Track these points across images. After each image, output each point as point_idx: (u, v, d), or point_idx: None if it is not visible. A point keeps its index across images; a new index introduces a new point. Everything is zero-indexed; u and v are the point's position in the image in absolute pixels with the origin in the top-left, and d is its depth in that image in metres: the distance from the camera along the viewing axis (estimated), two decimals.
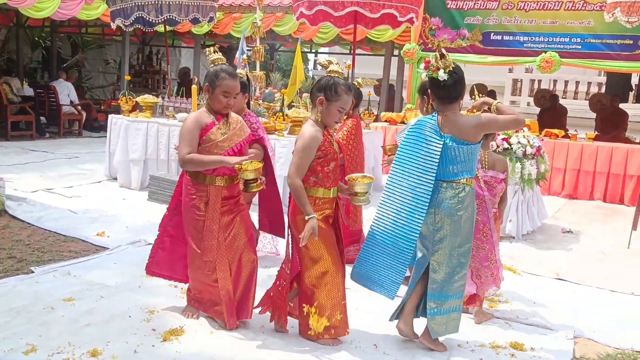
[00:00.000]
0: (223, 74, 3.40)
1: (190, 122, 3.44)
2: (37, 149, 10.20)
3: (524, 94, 18.59)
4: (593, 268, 5.42)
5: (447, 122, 3.31)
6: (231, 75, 3.42)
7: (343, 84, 3.31)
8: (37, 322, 3.42)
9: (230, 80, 3.40)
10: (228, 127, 3.50)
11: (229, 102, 3.44)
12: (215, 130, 3.43)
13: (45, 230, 5.32)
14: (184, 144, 3.39)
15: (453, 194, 3.33)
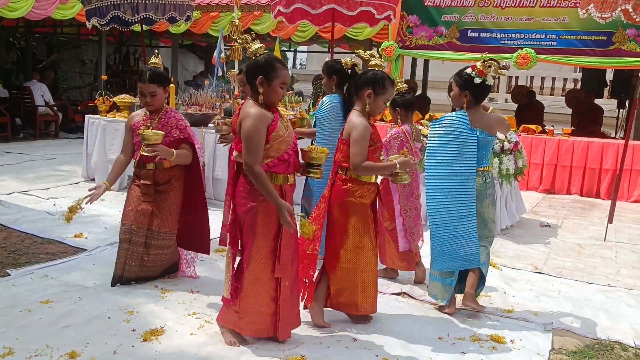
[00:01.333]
0: (278, 64, 3.12)
1: (257, 121, 3.05)
2: (12, 150, 10.04)
3: (502, 91, 18.76)
4: (570, 261, 5.49)
5: (475, 118, 3.80)
6: (285, 65, 3.18)
7: (388, 77, 3.61)
8: (14, 325, 3.37)
9: (286, 71, 3.15)
10: (283, 119, 3.24)
11: (284, 94, 3.23)
12: (280, 124, 3.16)
13: (22, 233, 5.24)
14: (257, 151, 3.06)
15: (482, 180, 3.91)
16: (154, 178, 4.06)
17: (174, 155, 3.90)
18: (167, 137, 3.93)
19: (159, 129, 3.94)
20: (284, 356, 3.22)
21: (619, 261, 5.57)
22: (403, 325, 3.76)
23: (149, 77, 3.91)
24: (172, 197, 4.10)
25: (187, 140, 4.06)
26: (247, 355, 3.22)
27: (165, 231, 4.11)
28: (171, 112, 4.07)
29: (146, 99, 3.94)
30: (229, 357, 3.19)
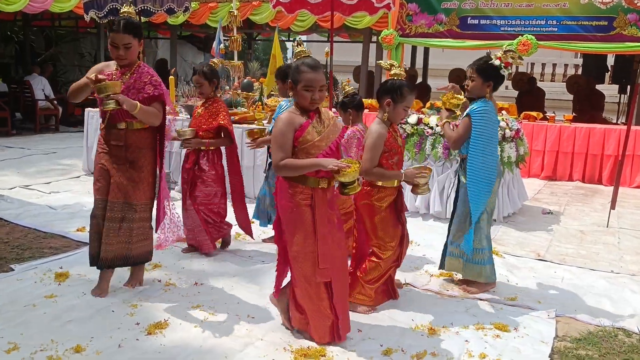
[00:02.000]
0: (304, 67, 3.10)
1: (282, 124, 3.13)
2: (13, 145, 10.04)
3: None
4: (573, 247, 5.49)
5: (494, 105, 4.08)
6: (312, 68, 3.11)
7: (407, 85, 3.68)
8: (18, 320, 3.37)
9: (311, 74, 3.09)
10: (323, 124, 3.20)
11: (313, 97, 3.11)
12: (311, 129, 3.15)
13: (25, 227, 5.25)
14: (277, 149, 3.11)
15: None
16: (125, 140, 3.68)
17: (137, 108, 3.48)
18: (140, 93, 3.59)
19: (131, 84, 3.60)
20: (289, 348, 3.22)
21: (621, 247, 5.56)
22: (407, 315, 3.76)
23: (123, 27, 3.51)
24: (146, 167, 3.75)
25: (160, 99, 3.67)
26: (251, 347, 3.23)
27: (142, 202, 3.77)
28: (144, 67, 3.70)
29: (119, 51, 3.55)
30: (234, 349, 3.20)
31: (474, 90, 4.02)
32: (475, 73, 3.97)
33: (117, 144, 3.68)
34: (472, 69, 4.00)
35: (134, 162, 3.71)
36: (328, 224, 3.22)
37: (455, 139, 4.06)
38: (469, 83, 4.04)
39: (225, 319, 3.57)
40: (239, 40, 9.03)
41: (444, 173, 6.27)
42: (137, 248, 3.83)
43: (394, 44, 10.41)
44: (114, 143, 3.69)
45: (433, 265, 4.72)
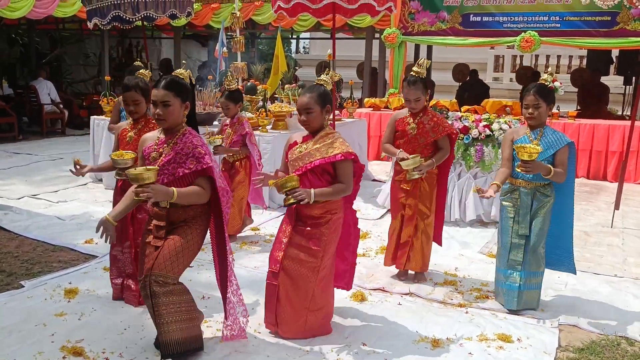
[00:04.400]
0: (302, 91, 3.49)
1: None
2: (20, 151, 10.13)
3: (507, 70, 18.60)
4: (577, 250, 5.45)
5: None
6: (306, 91, 3.46)
7: (405, 80, 4.28)
8: (30, 340, 3.44)
9: (299, 98, 3.47)
10: (304, 147, 3.49)
11: (303, 119, 3.46)
12: (293, 150, 3.56)
13: (34, 240, 5.33)
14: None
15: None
16: (169, 218, 3.19)
17: (174, 196, 3.01)
18: (180, 168, 3.11)
19: (172, 157, 3.13)
20: None
21: (625, 249, 5.58)
22: (411, 326, 3.81)
23: (163, 83, 3.12)
24: (190, 234, 3.20)
25: (205, 174, 3.14)
26: None
27: (166, 275, 3.13)
28: (190, 136, 3.18)
29: (157, 109, 3.12)
30: None
31: (542, 117, 3.90)
32: (541, 99, 3.83)
33: (159, 224, 3.21)
34: (536, 96, 3.83)
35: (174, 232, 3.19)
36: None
37: (564, 173, 3.89)
38: (534, 112, 3.87)
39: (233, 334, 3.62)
40: (242, 41, 9.06)
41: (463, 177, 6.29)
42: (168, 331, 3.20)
43: (396, 42, 10.42)
44: (156, 222, 3.22)
45: (437, 272, 4.76)
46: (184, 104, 3.17)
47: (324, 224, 3.46)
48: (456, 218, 6.25)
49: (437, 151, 4.37)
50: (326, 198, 3.42)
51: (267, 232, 5.85)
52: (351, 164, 3.47)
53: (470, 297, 4.31)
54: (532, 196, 3.98)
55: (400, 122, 4.39)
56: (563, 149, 3.88)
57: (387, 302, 4.20)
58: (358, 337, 3.63)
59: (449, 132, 4.38)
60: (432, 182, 4.45)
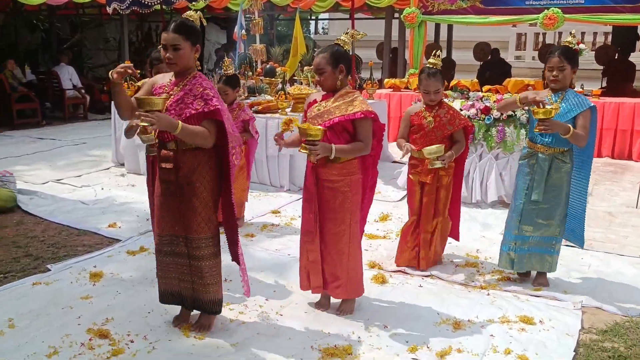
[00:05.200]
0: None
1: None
2: (44, 136, 10.27)
3: (529, 48, 18.33)
4: (601, 231, 5.45)
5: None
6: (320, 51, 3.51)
7: (424, 72, 4.18)
8: (56, 324, 3.51)
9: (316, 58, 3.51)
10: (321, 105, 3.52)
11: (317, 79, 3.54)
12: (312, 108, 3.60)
13: (59, 225, 5.42)
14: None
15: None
16: (176, 162, 3.21)
17: (178, 128, 2.99)
18: (187, 109, 3.11)
19: (180, 97, 3.14)
20: (317, 347, 3.31)
21: None
22: (432, 308, 3.82)
23: (173, 27, 3.10)
24: (203, 192, 3.24)
25: (213, 117, 3.13)
26: (279, 347, 3.32)
27: (205, 237, 3.29)
28: (199, 78, 3.18)
29: (167, 53, 3.10)
30: (263, 348, 3.30)
31: (566, 79, 3.83)
32: (566, 61, 3.77)
33: (166, 167, 3.23)
34: (561, 58, 3.77)
35: (188, 188, 3.23)
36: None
37: (586, 137, 3.80)
38: (559, 74, 3.79)
39: (255, 317, 3.66)
40: (260, 24, 9.03)
41: (469, 157, 6.23)
42: (208, 292, 3.38)
43: (416, 22, 10.29)
44: (163, 166, 3.25)
45: (458, 254, 4.75)
46: (194, 47, 3.17)
47: (343, 186, 3.50)
48: (477, 199, 6.21)
49: (453, 144, 4.33)
50: (346, 155, 3.46)
51: (288, 214, 5.87)
52: (370, 123, 3.48)
53: (492, 279, 4.29)
54: (550, 162, 3.95)
55: (416, 117, 4.32)
56: (585, 112, 3.80)
57: (407, 284, 4.21)
58: (379, 319, 3.65)
59: (465, 125, 4.34)
60: (450, 175, 4.40)
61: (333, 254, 3.58)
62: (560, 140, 3.85)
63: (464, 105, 6.16)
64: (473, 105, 6.09)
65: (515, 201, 4.14)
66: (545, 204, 4.00)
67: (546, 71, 3.90)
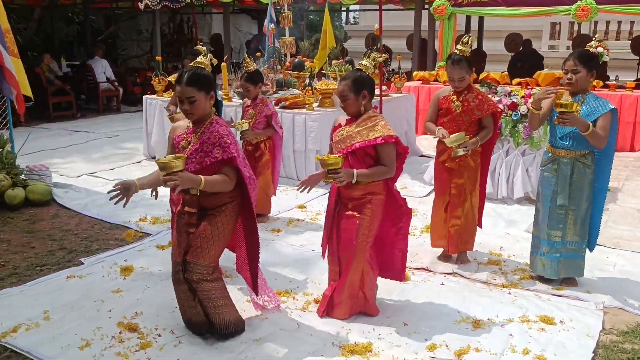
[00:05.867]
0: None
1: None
2: (79, 129, 10.54)
3: (563, 38, 17.93)
4: (629, 229, 5.40)
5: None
6: (343, 78, 3.56)
7: (450, 59, 4.23)
8: (89, 316, 3.68)
9: (339, 85, 3.58)
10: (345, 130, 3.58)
11: (341, 105, 3.61)
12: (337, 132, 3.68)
13: (92, 218, 5.60)
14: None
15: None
16: (199, 205, 3.32)
17: (202, 184, 3.13)
18: (207, 157, 3.22)
19: (199, 147, 3.24)
20: (337, 343, 3.39)
21: None
22: (452, 306, 3.87)
23: (186, 80, 3.21)
24: (220, 222, 3.32)
25: (231, 163, 3.24)
26: (301, 342, 3.41)
27: (204, 264, 3.32)
28: (215, 125, 3.28)
29: (184, 105, 3.24)
30: (285, 344, 3.40)
31: (581, 82, 3.85)
32: (580, 64, 3.80)
33: (190, 211, 3.34)
34: (575, 62, 3.81)
35: (205, 219, 3.33)
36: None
37: (605, 138, 3.81)
38: (572, 77, 3.83)
39: (277, 312, 3.76)
40: (289, 17, 9.09)
41: (496, 153, 6.21)
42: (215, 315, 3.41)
43: (446, 14, 10.22)
44: (187, 209, 3.35)
45: (481, 252, 4.77)
46: (208, 95, 3.27)
47: (366, 203, 3.54)
48: (503, 195, 6.20)
49: (481, 129, 4.33)
50: (367, 179, 3.49)
51: (314, 209, 5.95)
52: (393, 147, 3.51)
53: (514, 278, 4.31)
54: (572, 166, 3.96)
55: (445, 100, 4.36)
56: (606, 114, 3.80)
57: (429, 282, 4.26)
58: (400, 317, 3.71)
59: (494, 111, 4.33)
60: (476, 160, 4.41)
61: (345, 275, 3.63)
62: (580, 142, 3.85)
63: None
64: (500, 101, 6.05)
65: (542, 207, 4.15)
66: (571, 206, 4.01)
67: (563, 74, 3.90)
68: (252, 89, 5.34)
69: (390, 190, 3.67)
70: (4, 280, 4.23)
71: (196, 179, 3.12)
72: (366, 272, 3.65)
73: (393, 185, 3.73)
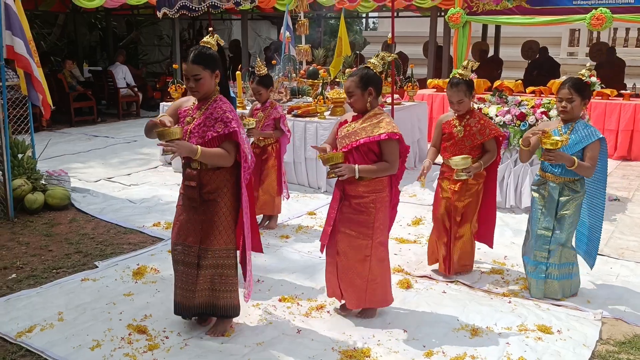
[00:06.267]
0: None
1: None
2: (99, 134, 10.80)
3: (582, 45, 17.82)
4: (635, 240, 5.43)
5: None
6: (351, 74, 3.68)
7: (449, 81, 4.34)
8: (101, 318, 3.83)
9: (346, 81, 3.68)
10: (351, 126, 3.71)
11: (348, 101, 3.71)
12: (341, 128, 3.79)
13: (108, 223, 5.79)
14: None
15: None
16: (200, 180, 3.43)
17: (198, 153, 3.24)
18: (209, 131, 3.33)
19: (202, 121, 3.36)
20: (337, 348, 3.51)
21: None
22: (452, 314, 3.95)
23: (192, 58, 3.32)
24: (223, 208, 3.46)
25: (231, 137, 3.35)
26: (302, 347, 3.53)
27: (219, 248, 3.50)
28: (219, 102, 3.40)
29: (189, 82, 3.35)
30: (289, 348, 3.51)
31: (575, 110, 3.94)
32: (575, 93, 3.89)
33: (190, 185, 3.47)
34: (570, 90, 3.89)
35: (209, 204, 3.46)
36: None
37: (593, 168, 3.91)
38: (567, 105, 3.92)
39: (281, 318, 3.89)
40: (306, 25, 9.24)
41: (504, 163, 6.29)
42: (223, 298, 3.60)
43: (460, 22, 10.28)
44: (187, 184, 3.50)
45: (485, 260, 4.85)
46: (213, 73, 3.37)
47: (369, 202, 3.66)
48: (511, 205, 6.26)
49: (484, 154, 4.41)
50: (370, 175, 3.61)
51: (324, 216, 6.03)
52: (396, 144, 3.61)
53: (515, 287, 4.38)
54: (561, 190, 4.04)
55: (447, 125, 4.44)
56: (594, 143, 3.89)
57: (432, 290, 4.35)
58: (400, 324, 3.81)
59: (496, 135, 4.40)
60: (479, 184, 4.47)
61: (353, 266, 3.73)
62: (568, 170, 3.96)
63: (500, 111, 6.20)
64: (509, 111, 6.12)
65: (531, 229, 4.24)
66: (557, 230, 4.09)
67: (557, 102, 4.00)
68: (264, 92, 5.52)
69: (392, 188, 3.78)
70: (22, 282, 4.41)
71: (193, 147, 3.24)
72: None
73: (396, 184, 3.83)
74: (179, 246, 3.56)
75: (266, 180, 5.54)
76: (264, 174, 5.54)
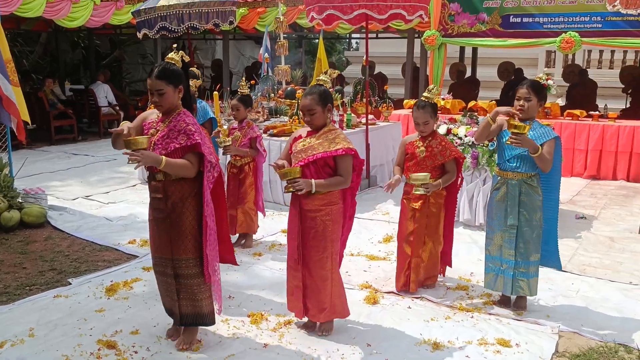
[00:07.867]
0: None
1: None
2: (79, 152, 10.86)
3: (558, 66, 18.25)
4: (598, 257, 5.60)
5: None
6: (307, 93, 3.78)
7: (415, 105, 4.50)
8: (71, 334, 3.91)
9: (304, 99, 3.77)
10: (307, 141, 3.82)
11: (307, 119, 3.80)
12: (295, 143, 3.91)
13: (83, 240, 5.86)
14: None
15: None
16: (165, 191, 3.55)
17: (163, 163, 3.35)
18: (172, 143, 3.46)
19: (166, 134, 3.48)
20: None
21: None
22: (416, 329, 4.08)
23: (156, 73, 3.45)
24: (189, 217, 3.58)
25: (194, 150, 3.48)
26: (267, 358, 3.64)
27: (186, 257, 3.62)
28: (183, 116, 3.52)
29: (154, 97, 3.47)
30: None
31: (532, 110, 4.13)
32: (533, 93, 4.09)
33: (157, 197, 3.59)
34: (529, 90, 4.09)
35: (174, 215, 3.57)
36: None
37: (550, 161, 4.12)
38: (525, 104, 4.09)
39: (249, 333, 3.99)
40: (285, 45, 9.44)
41: (473, 182, 6.47)
42: (185, 306, 3.72)
43: (436, 44, 10.54)
44: (153, 195, 3.62)
45: (452, 277, 4.99)
46: (177, 88, 3.51)
47: (325, 215, 3.81)
48: (480, 223, 6.42)
49: (444, 174, 4.59)
50: (325, 189, 3.77)
51: None
52: (351, 159, 3.79)
53: (478, 303, 4.52)
54: (520, 187, 4.22)
55: (410, 145, 4.63)
56: (550, 141, 4.10)
57: (397, 305, 4.47)
58: (364, 338, 3.93)
59: (457, 156, 4.60)
60: (440, 203, 4.65)
61: (316, 280, 3.87)
62: (526, 164, 4.16)
63: (469, 132, 6.39)
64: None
65: (493, 228, 4.40)
66: (522, 227, 4.27)
67: (515, 100, 4.20)
68: (242, 110, 5.65)
69: (346, 199, 3.96)
70: None
71: (158, 157, 3.36)
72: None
73: (352, 196, 4.00)
74: (156, 258, 3.73)
75: (245, 198, 5.65)
76: (242, 193, 5.66)
